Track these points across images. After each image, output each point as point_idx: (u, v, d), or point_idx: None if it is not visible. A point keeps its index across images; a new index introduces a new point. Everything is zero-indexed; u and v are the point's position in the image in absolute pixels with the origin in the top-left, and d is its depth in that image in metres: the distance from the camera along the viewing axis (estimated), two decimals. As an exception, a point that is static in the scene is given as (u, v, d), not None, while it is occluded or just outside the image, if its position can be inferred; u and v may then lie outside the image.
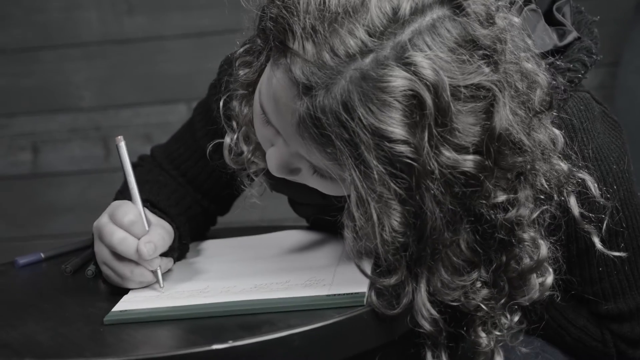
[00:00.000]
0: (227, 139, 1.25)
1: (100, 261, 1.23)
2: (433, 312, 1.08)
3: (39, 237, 2.57)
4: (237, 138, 1.24)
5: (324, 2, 1.06)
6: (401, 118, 1.02)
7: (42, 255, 1.43)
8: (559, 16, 1.24)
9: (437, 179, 1.03)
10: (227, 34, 2.47)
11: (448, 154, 1.03)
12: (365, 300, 1.11)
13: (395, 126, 1.02)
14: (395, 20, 1.04)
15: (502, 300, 1.11)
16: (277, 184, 1.27)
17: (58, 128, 2.56)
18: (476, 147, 1.05)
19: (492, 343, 1.11)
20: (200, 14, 2.49)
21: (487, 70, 1.04)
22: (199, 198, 1.45)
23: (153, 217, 1.24)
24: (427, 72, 1.02)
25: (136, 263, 1.20)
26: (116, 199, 1.36)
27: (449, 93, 1.02)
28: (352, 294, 1.13)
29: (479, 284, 1.09)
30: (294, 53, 1.07)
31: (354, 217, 1.05)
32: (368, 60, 1.03)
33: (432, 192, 1.04)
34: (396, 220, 1.04)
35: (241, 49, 1.22)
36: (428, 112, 1.01)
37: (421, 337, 1.10)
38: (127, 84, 2.54)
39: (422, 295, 1.08)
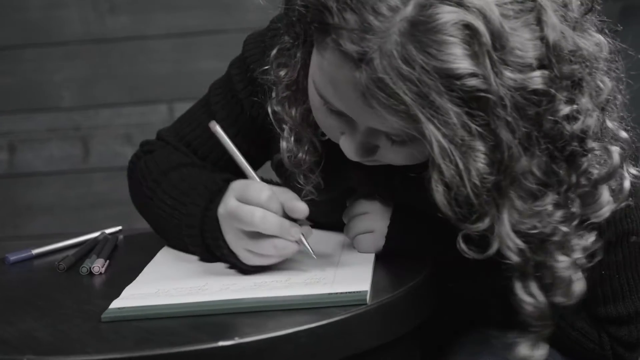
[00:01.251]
0: (284, 144, 1.24)
1: (236, 247, 1.20)
2: (518, 241, 1.05)
3: (16, 238, 2.53)
4: (292, 141, 1.23)
5: None
6: (462, 51, 1.00)
7: (33, 252, 1.41)
8: None
9: (508, 105, 1.01)
10: (211, 34, 2.48)
11: (513, 75, 1.01)
12: (367, 299, 1.10)
13: (459, 61, 1.00)
14: None
15: (576, 221, 1.09)
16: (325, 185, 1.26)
17: (36, 127, 2.54)
18: (539, 62, 1.02)
19: (570, 267, 1.08)
20: (184, 15, 2.47)
21: None
22: None
23: (275, 187, 1.21)
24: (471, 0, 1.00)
25: (277, 237, 1.18)
26: (152, 191, 1.34)
27: (497, 14, 1.00)
28: (354, 292, 1.11)
29: (551, 207, 1.06)
30: (336, 27, 1.05)
31: (440, 169, 1.03)
32: (410, 7, 1.02)
33: (505, 119, 1.01)
34: (482, 162, 1.02)
35: (274, 51, 1.21)
36: (484, 38, 1.00)
37: (508, 270, 1.07)
38: (108, 83, 2.52)
39: (506, 227, 1.05)
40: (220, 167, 1.40)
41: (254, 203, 1.17)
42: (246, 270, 1.22)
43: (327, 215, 1.32)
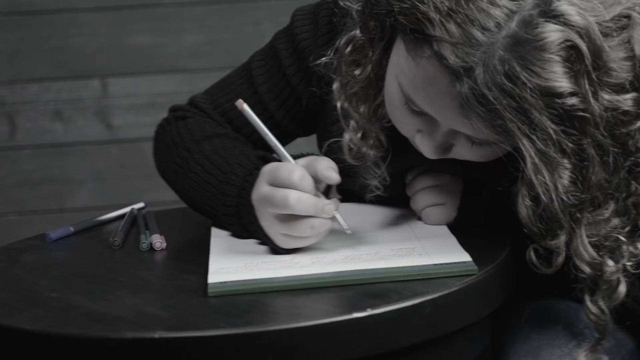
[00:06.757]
0: (347, 137, 1.23)
1: (272, 232, 1.18)
2: (595, 255, 1.08)
3: (-62, 217, 2.42)
4: (357, 136, 1.23)
5: None
6: (564, 70, 1.02)
7: (72, 229, 1.35)
8: None
9: (601, 124, 1.04)
10: (146, 8, 2.42)
11: (608, 97, 1.04)
12: (477, 268, 1.11)
13: (561, 80, 1.02)
14: None
15: (628, 227, 1.12)
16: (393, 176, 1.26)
17: (-42, 102, 2.42)
18: (633, 84, 1.06)
19: (618, 272, 1.12)
20: (116, -13, 2.40)
21: None
22: None
23: (302, 160, 1.20)
24: (576, 19, 1.02)
25: (312, 217, 1.16)
26: (183, 159, 1.31)
27: (599, 34, 1.03)
28: (460, 262, 1.13)
29: (609, 215, 1.10)
30: (439, 39, 1.06)
31: (531, 183, 1.05)
32: (514, 23, 1.03)
33: (596, 138, 1.04)
34: (566, 180, 1.05)
35: (347, 49, 1.20)
36: (586, 58, 1.02)
37: (579, 282, 1.10)
38: (36, 57, 2.42)
39: (583, 240, 1.08)
40: (254, 140, 1.37)
41: (287, 185, 1.17)
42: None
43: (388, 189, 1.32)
